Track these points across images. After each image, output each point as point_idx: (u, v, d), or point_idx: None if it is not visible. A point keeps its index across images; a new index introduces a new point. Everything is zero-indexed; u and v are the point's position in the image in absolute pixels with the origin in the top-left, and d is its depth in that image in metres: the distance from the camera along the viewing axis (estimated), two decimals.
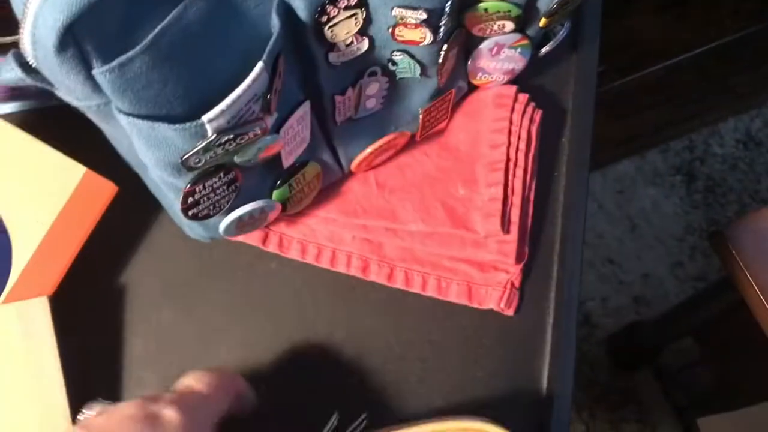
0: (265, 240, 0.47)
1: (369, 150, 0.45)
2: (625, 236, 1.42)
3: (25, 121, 0.46)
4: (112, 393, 0.45)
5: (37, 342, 0.43)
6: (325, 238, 0.47)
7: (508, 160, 0.47)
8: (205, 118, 0.33)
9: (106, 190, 0.45)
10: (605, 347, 1.33)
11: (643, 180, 1.47)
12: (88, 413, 0.39)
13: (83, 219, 0.44)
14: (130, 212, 0.46)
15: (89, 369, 0.44)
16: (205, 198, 0.38)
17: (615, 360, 1.30)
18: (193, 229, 0.43)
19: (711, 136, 1.51)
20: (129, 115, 0.33)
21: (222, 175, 0.38)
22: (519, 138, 0.47)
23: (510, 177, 0.47)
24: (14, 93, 0.48)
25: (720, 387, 1.09)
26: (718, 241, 0.80)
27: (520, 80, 0.49)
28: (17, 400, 0.42)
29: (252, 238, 0.47)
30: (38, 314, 0.43)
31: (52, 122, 0.44)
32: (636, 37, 1.50)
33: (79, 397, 0.41)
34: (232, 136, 0.35)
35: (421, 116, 0.45)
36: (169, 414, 0.33)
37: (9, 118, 0.44)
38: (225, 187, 0.39)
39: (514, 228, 0.46)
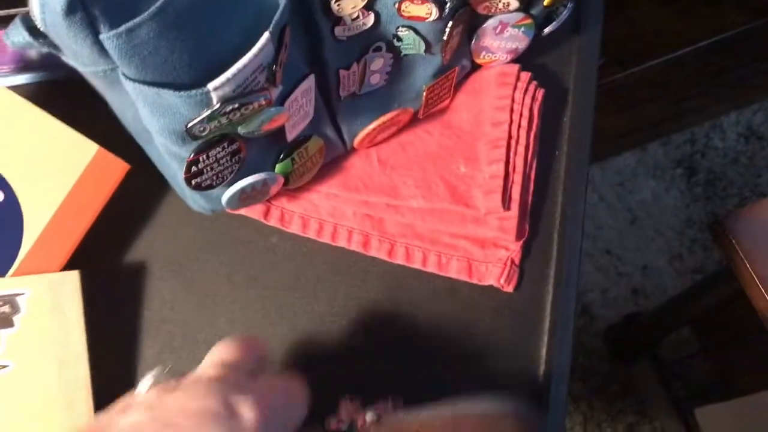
0: (266, 214, 0.47)
1: (372, 126, 0.45)
2: (625, 228, 1.43)
3: (37, 94, 0.46)
4: (117, 364, 0.45)
5: (65, 315, 0.43)
6: (327, 214, 0.48)
7: (509, 137, 0.47)
8: (210, 86, 0.34)
9: (117, 168, 0.45)
10: (603, 338, 1.33)
11: (644, 172, 1.47)
12: (147, 385, 0.34)
13: (94, 196, 0.45)
14: (135, 186, 0.46)
15: (99, 341, 0.44)
16: (209, 168, 0.39)
17: (613, 351, 1.31)
18: (196, 201, 0.44)
19: (712, 130, 1.51)
20: (135, 81, 0.33)
21: (226, 145, 0.38)
22: (521, 116, 0.47)
23: (511, 154, 0.47)
24: (24, 64, 0.48)
25: (718, 378, 1.10)
26: (719, 231, 0.80)
27: (522, 60, 0.49)
28: (41, 369, 0.42)
29: (254, 212, 0.47)
30: (69, 288, 0.43)
31: (63, 96, 0.45)
32: (638, 29, 1.50)
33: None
34: (236, 105, 0.35)
35: (424, 93, 0.46)
36: (248, 416, 0.31)
37: (20, 90, 0.44)
38: (228, 158, 0.39)
39: (515, 205, 0.46)
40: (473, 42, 0.46)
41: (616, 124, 1.48)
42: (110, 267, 0.45)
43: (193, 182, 0.39)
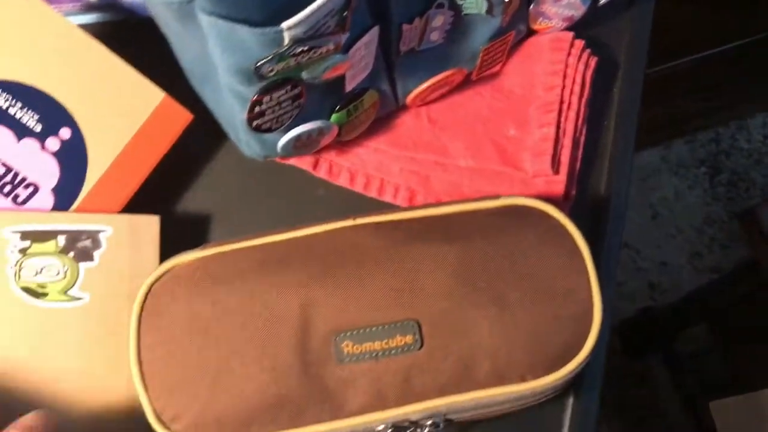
0: (315, 165, 0.48)
1: (426, 84, 0.46)
2: (645, 223, 1.43)
3: (103, 35, 0.47)
4: None
5: (141, 255, 0.43)
6: (374, 169, 0.48)
7: (561, 102, 0.47)
8: (284, 24, 0.34)
9: (181, 117, 0.46)
10: (617, 331, 1.34)
11: (668, 169, 1.47)
12: None
13: (156, 143, 0.45)
14: (191, 135, 0.47)
15: None
16: (270, 110, 0.39)
17: (626, 344, 1.31)
18: (251, 147, 0.44)
19: (738, 131, 1.51)
20: (211, 14, 0.34)
21: (289, 88, 0.39)
22: (573, 81, 0.48)
23: (562, 119, 0.47)
24: (90, 3, 0.48)
25: (732, 374, 1.10)
26: (747, 221, 0.80)
27: (576, 29, 0.49)
28: (113, 304, 0.43)
29: (303, 163, 0.48)
30: (149, 230, 0.44)
31: (129, 39, 0.45)
32: (669, 25, 1.49)
33: None
34: (306, 47, 0.36)
35: (480, 55, 0.46)
36: None
37: (86, 30, 0.45)
38: (290, 102, 0.40)
39: (563, 169, 0.47)
40: (531, 6, 0.47)
41: (642, 119, 1.48)
42: (164, 212, 0.45)
43: (254, 123, 0.39)
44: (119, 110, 0.44)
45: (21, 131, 0.41)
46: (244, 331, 0.37)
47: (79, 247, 0.42)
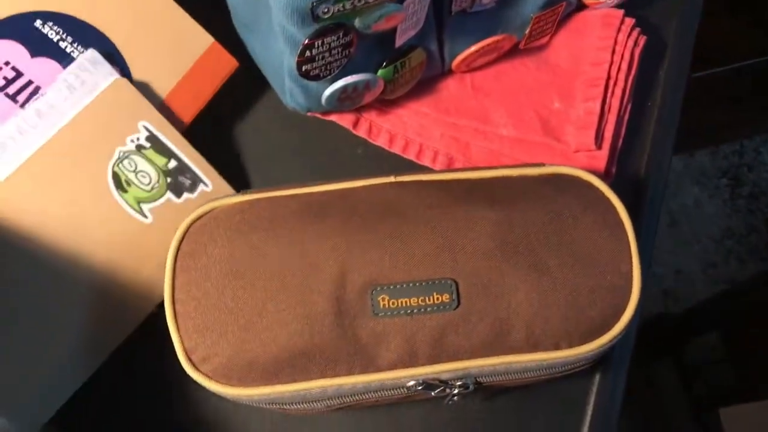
0: (355, 124, 0.48)
1: (474, 47, 0.45)
2: (663, 230, 1.42)
3: None
4: None
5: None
6: (414, 132, 0.48)
7: (608, 78, 0.47)
8: None
9: (227, 64, 0.45)
10: None
11: (689, 178, 1.46)
12: None
13: (202, 87, 0.45)
14: (235, 85, 0.46)
15: None
16: (320, 56, 0.39)
17: (637, 350, 1.30)
18: (294, 98, 0.44)
19: (763, 145, 1.50)
20: None
21: (341, 35, 0.38)
22: (622, 58, 0.47)
23: (608, 95, 0.47)
24: None
25: (742, 383, 1.09)
26: None
27: (627, 8, 0.49)
28: (165, 243, 0.41)
29: (344, 120, 0.47)
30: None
31: None
32: (704, 35, 1.48)
33: None
34: None
35: (531, 22, 0.45)
36: None
37: None
38: (340, 50, 0.39)
39: (606, 145, 0.46)
40: None
41: None
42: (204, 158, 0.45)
43: (304, 68, 0.39)
44: (168, 52, 0.44)
45: (69, 65, 0.40)
46: (280, 278, 0.37)
47: (180, 180, 0.43)
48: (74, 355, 0.41)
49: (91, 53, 0.40)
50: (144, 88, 0.43)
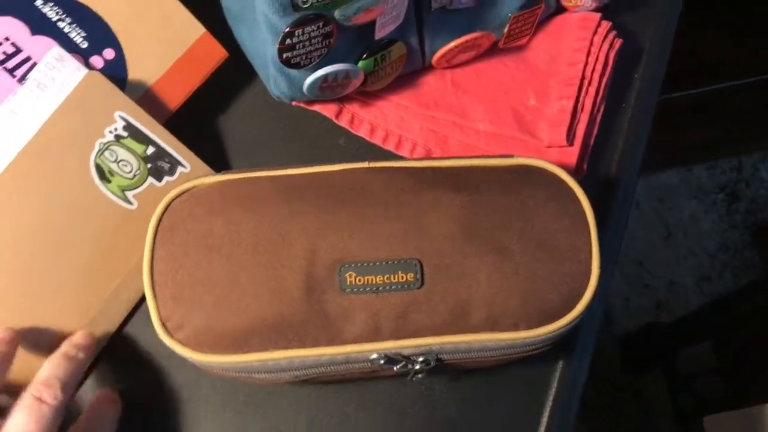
0: (338, 114, 0.50)
1: (453, 44, 0.47)
2: (658, 243, 1.43)
3: None
4: None
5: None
6: (394, 124, 0.50)
7: (582, 78, 0.49)
8: None
9: (217, 53, 0.47)
10: (620, 346, 1.34)
11: (686, 192, 1.47)
12: None
13: (191, 75, 0.47)
14: (222, 74, 0.49)
15: None
16: (301, 45, 0.41)
17: (627, 359, 1.31)
18: (278, 86, 0.46)
19: (761, 161, 1.51)
20: None
21: (321, 24, 0.40)
22: (596, 60, 0.49)
23: (582, 94, 0.49)
24: None
25: (732, 394, 1.10)
26: (764, 237, 0.81)
27: (605, 13, 0.51)
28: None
29: (327, 110, 0.49)
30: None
31: None
32: (700, 53, 1.50)
33: None
34: None
35: (509, 22, 0.47)
36: None
37: None
38: (320, 40, 0.41)
39: (578, 142, 0.48)
40: None
41: (665, 141, 1.48)
42: (189, 145, 0.47)
43: (285, 56, 0.41)
44: (161, 39, 0.46)
45: (68, 46, 0.43)
46: (254, 253, 0.39)
47: (159, 164, 0.45)
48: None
49: (57, 50, 0.42)
50: (135, 73, 0.45)
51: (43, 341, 0.43)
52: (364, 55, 0.45)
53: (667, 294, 1.39)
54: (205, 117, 0.50)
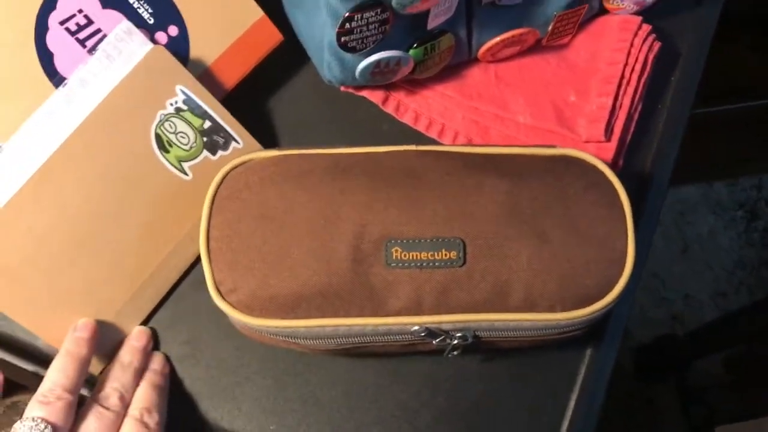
0: (385, 101, 0.51)
1: (499, 38, 0.49)
2: (676, 256, 1.44)
3: None
4: None
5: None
6: (438, 113, 0.52)
7: (621, 77, 0.50)
8: None
9: (273, 36, 0.50)
10: (633, 356, 1.35)
11: (706, 207, 1.48)
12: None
13: (247, 56, 0.49)
14: (277, 57, 0.51)
15: None
16: (358, 30, 0.43)
17: (640, 369, 1.32)
18: (331, 70, 0.48)
19: None
20: None
21: (379, 11, 0.42)
22: (636, 60, 0.51)
23: (621, 93, 0.50)
24: None
25: (742, 408, 1.10)
26: None
27: (645, 16, 0.53)
28: (202, 195, 0.45)
29: (374, 96, 0.51)
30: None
31: None
32: (728, 70, 1.51)
33: None
34: None
35: (554, 20, 0.49)
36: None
37: None
38: (377, 26, 0.43)
39: (615, 138, 0.50)
40: None
41: (687, 155, 1.49)
42: (242, 122, 0.48)
43: (343, 39, 0.43)
44: (222, 20, 0.48)
45: (136, 21, 0.45)
46: (306, 224, 0.41)
47: (214, 138, 0.47)
48: (126, 303, 0.46)
49: (125, 24, 0.44)
50: (196, 51, 0.47)
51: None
52: (415, 44, 0.47)
53: (683, 307, 1.40)
54: (258, 97, 0.52)
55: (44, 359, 0.45)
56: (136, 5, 0.45)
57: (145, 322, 0.47)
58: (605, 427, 1.33)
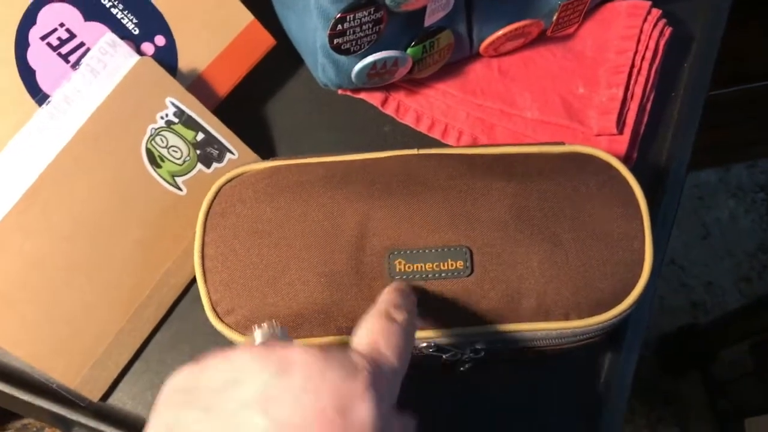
0: (384, 102, 0.49)
1: (502, 32, 0.47)
2: (695, 242, 1.41)
3: None
4: None
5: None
6: (440, 112, 0.49)
7: (632, 66, 0.48)
8: None
9: (264, 41, 0.48)
10: (654, 347, 1.32)
11: (725, 191, 1.45)
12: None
13: (239, 63, 0.47)
14: (270, 61, 0.49)
15: None
16: (351, 31, 0.41)
17: (663, 361, 1.29)
18: (326, 73, 0.46)
19: None
20: None
21: (372, 11, 0.40)
22: (646, 48, 0.48)
23: (632, 82, 0.48)
24: None
25: None
26: None
27: (656, 1, 0.50)
28: (197, 211, 0.43)
29: (373, 98, 0.49)
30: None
31: None
32: (741, 53, 1.47)
33: None
34: None
35: (558, 10, 0.47)
36: (363, 412, 0.25)
37: None
38: (370, 26, 0.41)
39: (628, 130, 0.47)
40: None
41: (704, 139, 1.45)
42: (237, 132, 0.47)
43: (335, 42, 0.41)
44: (211, 27, 0.46)
45: (120, 32, 0.43)
46: (304, 238, 0.39)
47: (208, 151, 0.45)
48: (124, 326, 0.44)
49: (110, 36, 0.42)
50: (185, 60, 0.45)
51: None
52: (413, 42, 0.45)
53: (704, 295, 1.37)
54: (253, 105, 0.50)
55: (39, 388, 0.44)
56: (120, 16, 0.43)
57: (144, 344, 0.46)
58: (629, 420, 1.30)
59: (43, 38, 0.42)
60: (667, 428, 1.28)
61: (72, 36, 0.42)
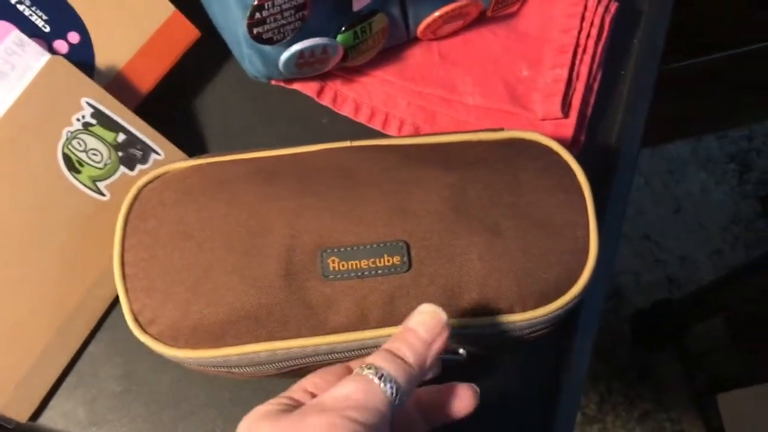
0: (320, 93, 0.47)
1: (438, 13, 0.45)
2: (667, 216, 1.40)
3: None
4: None
5: None
6: (380, 101, 0.47)
7: (577, 45, 0.46)
8: None
9: (188, 33, 0.45)
10: (630, 324, 1.32)
11: (695, 163, 1.44)
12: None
13: (162, 57, 0.45)
14: (198, 55, 0.46)
15: None
16: (272, 18, 0.39)
17: (638, 336, 1.29)
18: (254, 64, 0.43)
19: None
20: None
21: None
22: (591, 25, 0.46)
23: (577, 62, 0.46)
24: None
25: (744, 372, 1.07)
26: None
27: None
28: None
29: (308, 89, 0.47)
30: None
31: None
32: (708, 20, 1.46)
33: None
34: None
35: None
36: None
37: None
38: (293, 12, 0.39)
39: (574, 113, 0.45)
40: None
41: (673, 111, 1.44)
42: (162, 129, 0.44)
43: (255, 31, 0.39)
44: (129, 21, 0.43)
45: (29, 30, 0.40)
46: (228, 240, 0.37)
47: (130, 152, 0.42)
48: (50, 341, 0.42)
49: (16, 35, 0.39)
50: (103, 57, 0.43)
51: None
52: (343, 28, 0.42)
53: (678, 269, 1.36)
54: (180, 100, 0.47)
55: None
56: (27, 12, 0.41)
57: (75, 358, 0.43)
58: (606, 398, 1.30)
59: None
60: (643, 404, 1.28)
61: None
